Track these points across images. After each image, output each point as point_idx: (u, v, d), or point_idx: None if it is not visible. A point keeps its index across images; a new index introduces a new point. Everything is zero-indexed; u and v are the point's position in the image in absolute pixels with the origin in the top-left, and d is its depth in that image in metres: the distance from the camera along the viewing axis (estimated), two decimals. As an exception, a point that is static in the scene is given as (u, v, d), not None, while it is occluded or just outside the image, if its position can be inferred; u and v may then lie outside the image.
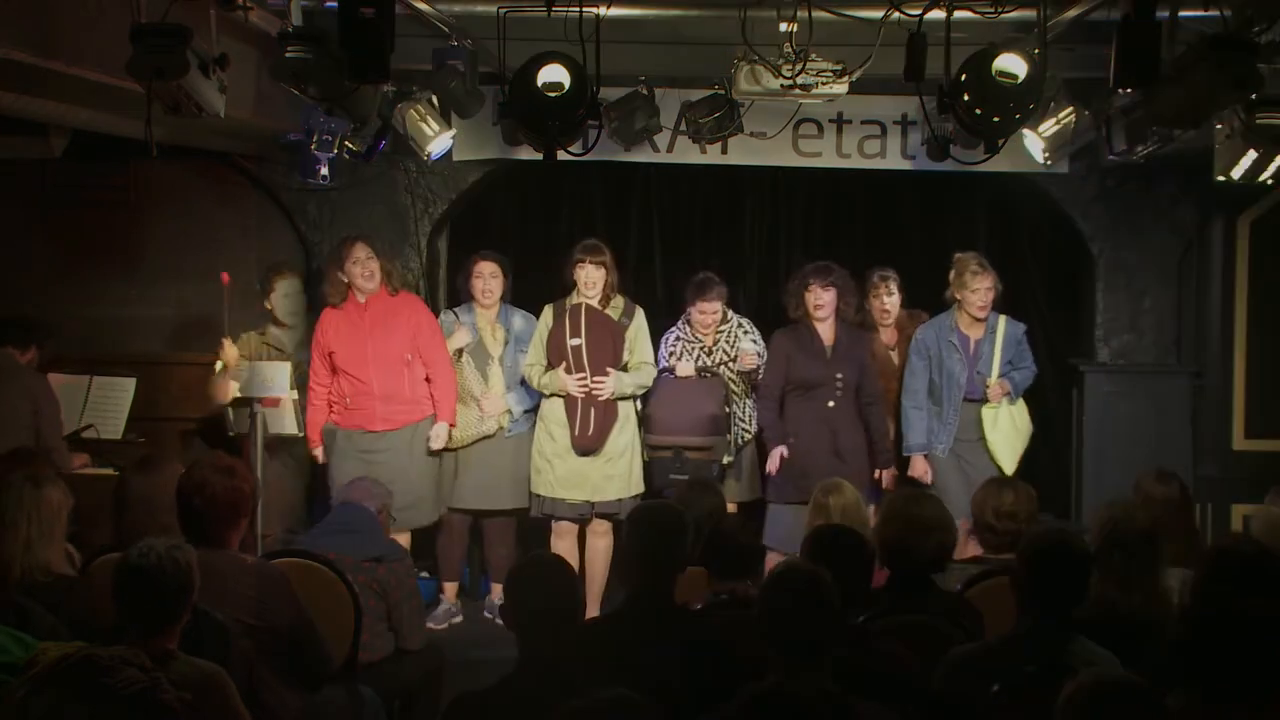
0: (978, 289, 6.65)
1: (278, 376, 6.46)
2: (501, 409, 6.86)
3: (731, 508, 6.48)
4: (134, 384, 7.11)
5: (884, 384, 6.83)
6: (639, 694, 2.80)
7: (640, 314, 6.81)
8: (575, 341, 6.61)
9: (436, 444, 6.67)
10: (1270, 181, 5.20)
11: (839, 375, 6.56)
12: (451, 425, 6.71)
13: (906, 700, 3.45)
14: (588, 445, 6.63)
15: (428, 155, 6.45)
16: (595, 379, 6.60)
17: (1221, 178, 5.19)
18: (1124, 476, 5.65)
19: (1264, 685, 2.99)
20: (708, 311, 6.86)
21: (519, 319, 6.97)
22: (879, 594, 4.18)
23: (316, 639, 4.28)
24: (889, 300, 6.99)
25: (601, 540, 6.77)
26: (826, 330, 6.64)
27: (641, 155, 7.08)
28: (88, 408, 7.03)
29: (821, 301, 6.59)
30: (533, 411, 6.92)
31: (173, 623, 3.42)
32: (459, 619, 6.95)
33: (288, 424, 6.56)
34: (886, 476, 6.66)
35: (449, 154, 6.90)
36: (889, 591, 4.23)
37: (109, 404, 7.06)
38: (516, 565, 3.68)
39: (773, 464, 6.61)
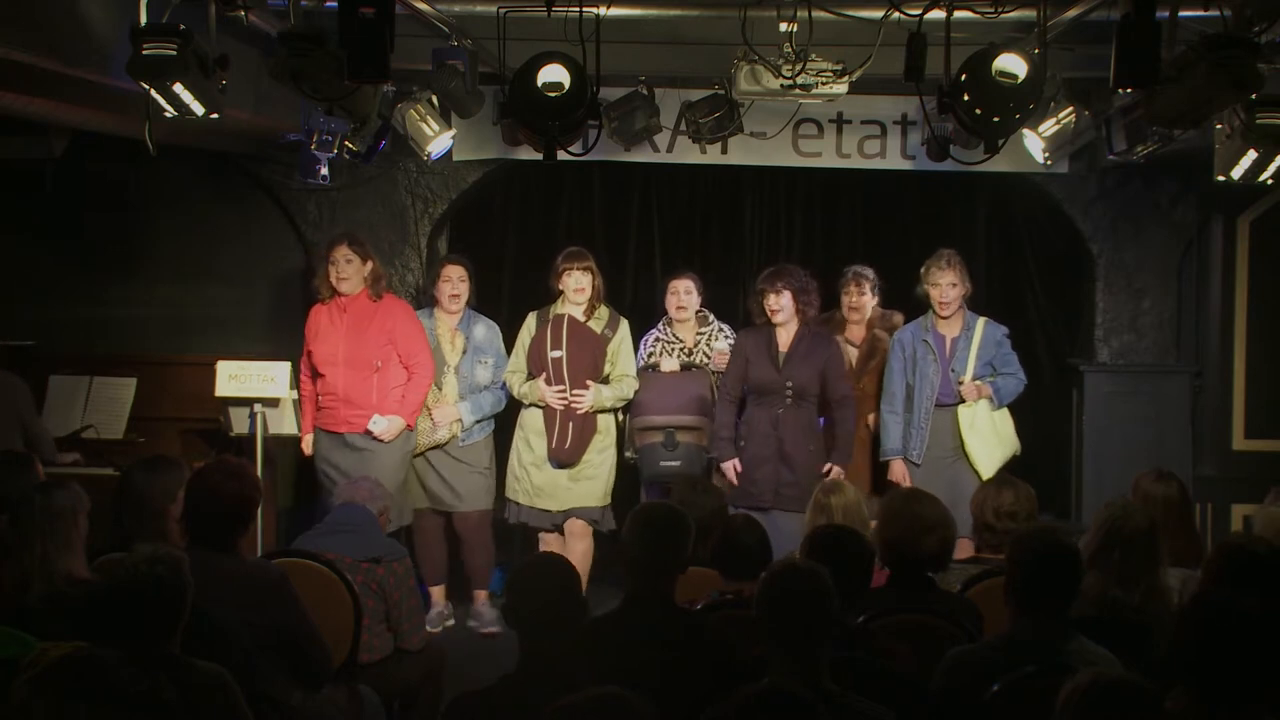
0: (938, 284, 6.51)
1: (277, 376, 6.49)
2: (452, 418, 6.70)
3: None
4: (134, 384, 7.10)
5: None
6: (638, 694, 2.80)
7: (625, 326, 6.73)
8: (556, 354, 6.56)
9: (374, 427, 6.43)
10: (1270, 181, 5.20)
11: (789, 383, 6.34)
12: (409, 427, 6.53)
13: (906, 700, 3.45)
14: (563, 458, 6.58)
15: (428, 155, 6.45)
16: (575, 392, 6.54)
17: (1221, 178, 5.19)
18: (1124, 476, 5.63)
19: (1262, 685, 2.99)
20: (678, 290, 6.78)
21: (481, 327, 6.86)
22: (879, 594, 4.18)
23: (316, 639, 4.28)
24: (860, 299, 6.86)
25: (581, 543, 6.63)
26: (786, 334, 6.43)
27: (641, 155, 7.07)
28: (88, 408, 7.03)
29: (777, 307, 6.39)
30: (486, 422, 6.82)
31: (172, 628, 3.41)
32: (451, 621, 6.88)
33: (287, 424, 6.58)
34: (835, 470, 6.22)
35: (449, 154, 6.90)
36: (889, 591, 4.23)
37: (109, 404, 7.06)
38: (517, 565, 3.68)
39: (731, 476, 6.39)
